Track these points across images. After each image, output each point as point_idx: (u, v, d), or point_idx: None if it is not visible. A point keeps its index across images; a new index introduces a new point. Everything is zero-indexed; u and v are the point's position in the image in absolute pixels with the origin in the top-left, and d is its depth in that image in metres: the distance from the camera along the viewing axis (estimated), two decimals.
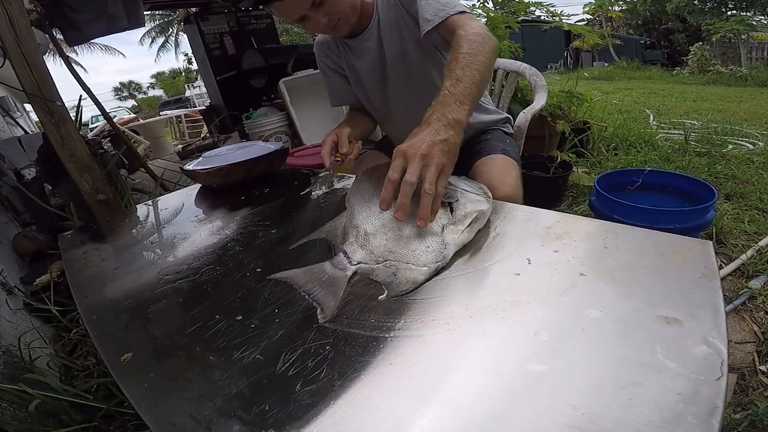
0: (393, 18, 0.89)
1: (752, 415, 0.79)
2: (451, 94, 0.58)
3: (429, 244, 0.48)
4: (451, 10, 0.76)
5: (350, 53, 0.98)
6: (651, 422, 0.26)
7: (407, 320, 0.39)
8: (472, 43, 0.67)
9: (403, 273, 0.45)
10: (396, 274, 0.45)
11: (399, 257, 0.47)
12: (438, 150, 0.51)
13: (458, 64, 0.63)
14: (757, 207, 1.61)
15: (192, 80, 19.84)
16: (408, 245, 0.48)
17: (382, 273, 0.46)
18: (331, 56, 1.03)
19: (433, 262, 0.45)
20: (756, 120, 3.27)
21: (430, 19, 0.77)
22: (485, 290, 0.42)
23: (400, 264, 0.46)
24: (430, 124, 0.54)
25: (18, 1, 1.06)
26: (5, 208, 1.72)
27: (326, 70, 1.06)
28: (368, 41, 0.93)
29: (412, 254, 0.47)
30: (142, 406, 0.34)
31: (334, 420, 0.30)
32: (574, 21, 2.96)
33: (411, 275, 0.44)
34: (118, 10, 2.03)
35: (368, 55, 0.95)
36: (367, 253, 0.49)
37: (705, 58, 8.18)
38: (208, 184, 0.91)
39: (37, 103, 1.12)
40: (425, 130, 0.53)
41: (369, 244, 0.49)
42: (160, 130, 5.56)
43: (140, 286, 0.54)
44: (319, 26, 0.84)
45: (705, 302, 0.35)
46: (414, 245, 0.48)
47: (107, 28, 2.06)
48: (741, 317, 1.09)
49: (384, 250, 0.48)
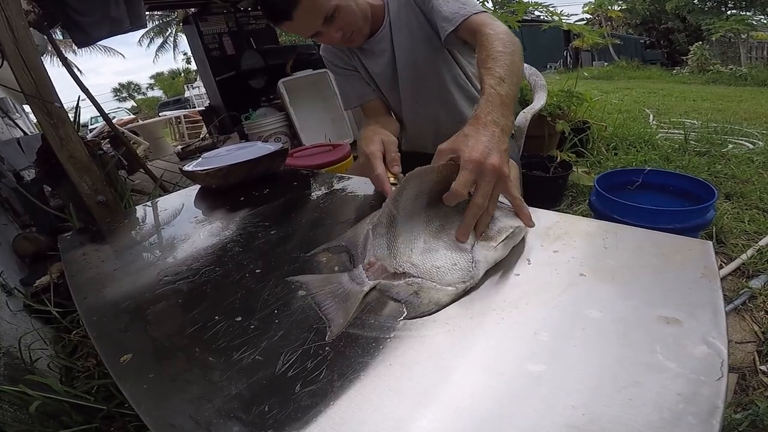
0: (404, 18, 0.87)
1: (753, 415, 0.79)
2: (498, 94, 0.55)
3: (456, 261, 0.43)
4: (472, 9, 0.74)
5: (362, 55, 0.96)
6: (650, 422, 0.26)
7: (407, 321, 0.39)
8: (506, 44, 0.64)
9: (426, 293, 0.41)
10: (418, 294, 0.41)
11: (421, 273, 0.43)
12: (504, 162, 0.47)
13: (497, 62, 0.60)
14: (757, 206, 1.62)
15: (191, 81, 19.85)
16: (432, 260, 0.44)
17: (403, 291, 0.42)
18: (342, 57, 0.99)
19: (460, 281, 0.41)
20: (756, 119, 3.27)
21: (451, 18, 0.75)
22: (485, 290, 0.42)
23: (423, 282, 0.42)
24: (488, 126, 0.50)
25: (15, 2, 1.06)
26: (5, 210, 1.72)
27: (338, 71, 1.01)
28: (380, 43, 0.91)
29: (437, 271, 0.42)
30: (141, 407, 0.34)
31: (334, 421, 0.30)
32: (573, 20, 2.96)
33: (435, 296, 0.40)
34: (120, 12, 2.03)
35: (380, 57, 0.92)
36: (390, 255, 0.45)
37: (705, 58, 8.18)
38: (208, 184, 0.91)
39: (35, 104, 1.12)
40: (486, 134, 0.48)
41: (395, 247, 0.45)
42: (159, 131, 5.56)
43: (140, 287, 0.54)
44: (333, 40, 0.83)
45: (705, 302, 0.35)
46: (439, 261, 0.43)
47: (110, 30, 2.07)
48: (741, 317, 1.09)
49: (405, 261, 0.44)
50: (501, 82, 0.57)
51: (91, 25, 2.00)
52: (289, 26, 0.78)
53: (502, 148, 0.48)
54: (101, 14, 1.99)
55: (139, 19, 2.16)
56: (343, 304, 0.42)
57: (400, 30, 0.88)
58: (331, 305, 0.42)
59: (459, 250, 0.45)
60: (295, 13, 0.76)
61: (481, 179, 0.45)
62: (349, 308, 0.41)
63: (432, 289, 0.41)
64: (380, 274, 0.44)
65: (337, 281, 0.45)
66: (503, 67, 0.59)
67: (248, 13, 3.80)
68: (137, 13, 2.13)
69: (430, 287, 0.41)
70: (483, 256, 0.43)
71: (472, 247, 0.45)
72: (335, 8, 0.77)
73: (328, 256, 0.53)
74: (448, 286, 0.41)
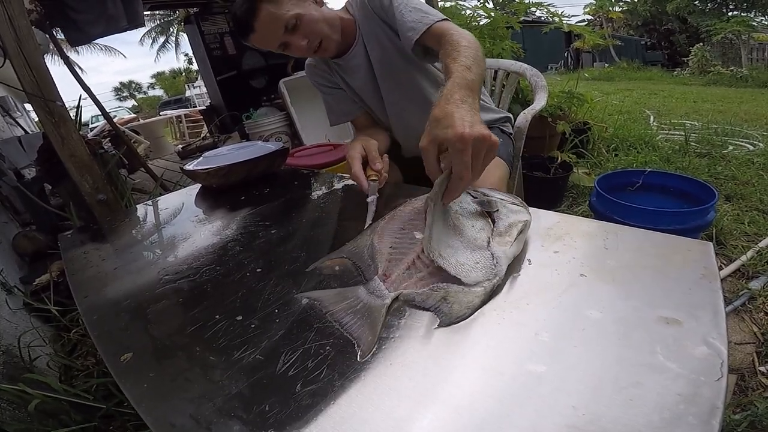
0: (372, 30, 0.88)
1: (752, 415, 0.79)
2: (464, 78, 0.56)
3: (478, 259, 0.42)
4: (435, 18, 0.75)
5: (342, 72, 0.97)
6: (651, 423, 0.26)
7: (407, 321, 0.39)
8: (470, 42, 0.67)
9: (454, 297, 0.39)
10: (446, 299, 0.39)
11: (447, 265, 0.41)
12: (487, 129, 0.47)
13: (461, 54, 0.62)
14: (757, 208, 1.62)
15: (192, 80, 19.86)
16: (456, 256, 0.43)
17: (431, 298, 0.40)
18: (325, 75, 1.00)
19: (486, 279, 0.40)
20: (756, 121, 3.27)
21: (415, 27, 0.76)
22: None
23: (449, 286, 0.40)
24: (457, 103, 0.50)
25: (18, 1, 1.06)
26: (5, 208, 1.72)
27: (323, 89, 1.02)
28: (355, 58, 0.92)
29: (461, 267, 0.41)
30: (141, 407, 0.34)
31: (335, 420, 0.30)
32: (574, 22, 2.97)
33: (465, 299, 0.38)
34: (117, 10, 2.02)
35: (359, 71, 0.93)
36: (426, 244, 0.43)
37: (705, 59, 8.18)
38: (208, 184, 0.91)
39: (37, 102, 1.12)
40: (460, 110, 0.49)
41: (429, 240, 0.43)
42: (160, 130, 5.57)
43: (140, 286, 0.54)
44: (302, 50, 0.83)
45: (705, 303, 0.35)
46: (462, 258, 0.42)
47: (106, 28, 2.06)
48: (741, 318, 1.09)
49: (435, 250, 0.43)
50: (467, 69, 0.58)
51: (88, 23, 1.99)
52: (255, 39, 0.80)
53: (478, 118, 0.49)
54: (98, 12, 1.98)
55: (136, 19, 2.15)
56: (367, 319, 0.39)
57: (371, 43, 0.89)
58: (355, 322, 0.39)
59: (477, 248, 0.44)
60: (257, 24, 0.78)
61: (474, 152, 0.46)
62: (374, 323, 0.38)
63: (460, 293, 0.39)
64: (399, 284, 0.42)
65: (353, 296, 0.42)
66: (469, 57, 0.61)
67: None
68: (135, 12, 2.13)
69: (457, 291, 0.39)
70: (503, 252, 0.43)
71: (488, 244, 0.44)
72: (295, 17, 0.78)
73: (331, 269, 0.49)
74: (476, 286, 0.39)
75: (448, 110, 0.49)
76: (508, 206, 0.50)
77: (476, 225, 0.48)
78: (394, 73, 0.91)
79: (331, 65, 0.98)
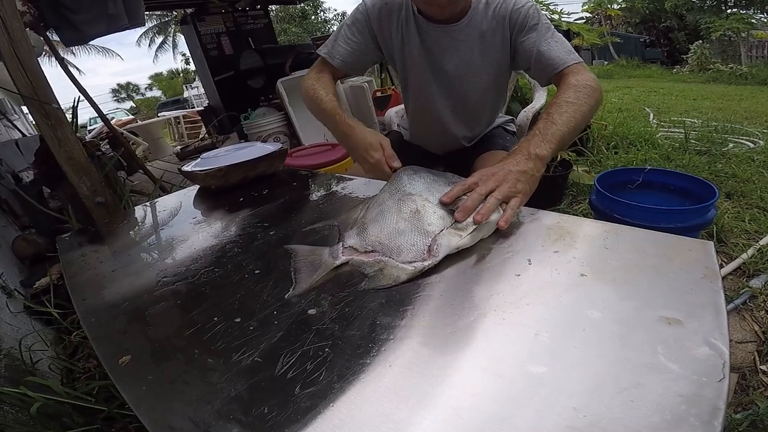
0: (485, 28, 0.83)
1: (753, 414, 0.79)
2: (541, 134, 0.59)
3: (415, 242, 0.48)
4: (575, 59, 0.74)
5: (418, 34, 0.86)
6: (652, 424, 0.26)
7: (407, 321, 0.39)
8: (579, 93, 0.66)
9: (388, 270, 0.46)
10: (383, 270, 0.46)
11: (384, 250, 0.48)
12: (514, 177, 0.54)
13: (558, 108, 0.64)
14: (757, 206, 1.61)
15: (190, 81, 19.83)
16: (395, 240, 0.49)
17: (369, 267, 0.48)
18: (380, 23, 0.88)
19: (418, 260, 0.46)
20: (756, 118, 3.27)
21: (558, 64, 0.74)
22: (485, 291, 0.41)
23: (388, 260, 0.47)
24: (512, 156, 0.56)
25: (11, 3, 1.06)
26: (4, 212, 1.71)
27: (354, 29, 0.89)
28: (448, 37, 0.84)
29: (396, 249, 0.48)
30: (140, 409, 0.34)
31: (333, 422, 0.30)
32: (573, 19, 2.96)
33: (393, 273, 0.45)
34: (118, 9, 2.02)
35: (436, 47, 0.86)
36: (360, 240, 0.51)
37: (705, 57, 8.17)
38: (207, 185, 0.91)
39: (32, 105, 1.12)
40: (506, 161, 0.56)
41: (364, 232, 0.52)
42: (158, 132, 5.56)
43: (139, 288, 0.54)
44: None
45: (706, 303, 0.34)
46: (400, 241, 0.49)
47: (108, 27, 2.05)
48: (741, 316, 1.08)
49: (374, 240, 0.50)
50: (551, 124, 0.61)
51: (86, 23, 1.98)
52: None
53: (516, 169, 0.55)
54: (98, 11, 1.97)
55: (137, 17, 2.14)
56: (314, 271, 0.48)
57: (473, 35, 0.84)
58: (304, 270, 0.49)
59: (421, 233, 0.49)
60: None
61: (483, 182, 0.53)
62: (316, 276, 0.47)
63: (394, 268, 0.46)
64: (355, 251, 0.50)
65: (318, 253, 0.52)
66: (561, 113, 0.63)
67: (246, 13, 3.79)
68: (135, 11, 2.12)
69: (392, 266, 0.46)
70: (447, 241, 0.47)
71: (441, 231, 0.49)
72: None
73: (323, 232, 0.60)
74: (406, 264, 0.46)
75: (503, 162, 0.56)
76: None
77: (437, 213, 0.52)
78: (469, 77, 0.87)
79: (409, 21, 0.86)
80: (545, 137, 0.59)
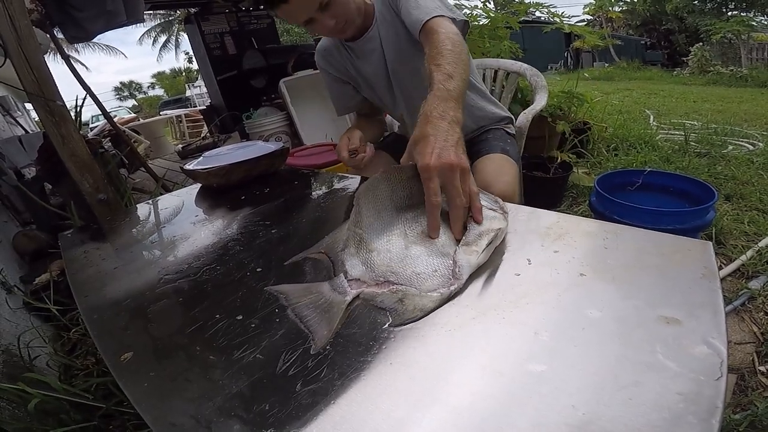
0: (389, 18, 0.89)
1: (752, 415, 0.79)
2: (446, 89, 0.57)
3: (437, 267, 0.43)
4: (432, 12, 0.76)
5: (354, 56, 0.97)
6: (651, 422, 0.26)
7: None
8: (454, 43, 0.67)
9: (410, 300, 0.40)
10: (403, 301, 0.40)
11: (401, 280, 0.42)
12: (458, 154, 0.49)
13: (445, 59, 0.63)
14: (757, 208, 1.61)
15: (192, 80, 19.85)
16: (412, 267, 0.43)
17: (388, 299, 0.41)
18: (335, 64, 1.02)
19: (443, 286, 0.41)
20: (756, 121, 3.27)
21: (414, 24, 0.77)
22: (485, 290, 0.42)
23: (407, 289, 0.41)
24: (435, 122, 0.52)
25: (19, 1, 1.06)
26: (5, 207, 1.72)
27: (330, 80, 1.05)
28: (371, 42, 0.93)
29: (417, 278, 0.42)
30: (141, 406, 0.34)
31: (334, 420, 0.30)
32: (574, 22, 2.97)
33: (419, 302, 0.40)
34: (116, 6, 2.03)
35: (372, 56, 0.94)
36: (368, 270, 0.45)
37: (705, 59, 8.18)
38: (209, 183, 0.91)
39: (37, 102, 1.12)
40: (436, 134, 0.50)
41: (370, 261, 0.45)
42: (160, 130, 5.57)
43: (140, 285, 0.54)
44: (326, 28, 0.84)
45: (705, 302, 0.35)
46: (419, 268, 0.43)
47: (106, 24, 2.06)
48: (740, 318, 1.09)
49: (385, 270, 0.44)
50: (448, 78, 0.59)
51: (88, 20, 2.00)
52: (285, 10, 0.79)
53: (453, 141, 0.50)
54: (98, 9, 1.98)
55: (135, 13, 2.15)
56: (326, 314, 0.40)
57: (386, 30, 0.90)
58: (313, 317, 0.41)
59: (440, 255, 0.45)
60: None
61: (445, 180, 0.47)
62: (332, 319, 0.40)
63: (416, 296, 0.40)
64: (362, 283, 0.44)
65: (318, 291, 0.44)
66: (452, 64, 0.61)
67: (250, 13, 3.80)
68: (134, 7, 2.13)
69: (414, 294, 0.41)
70: (466, 261, 0.43)
71: (455, 252, 0.44)
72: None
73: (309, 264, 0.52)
74: (432, 292, 0.40)
75: (425, 132, 0.51)
76: (484, 212, 0.50)
77: (446, 233, 0.47)
78: (404, 61, 0.92)
79: (342, 51, 0.98)
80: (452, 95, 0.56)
